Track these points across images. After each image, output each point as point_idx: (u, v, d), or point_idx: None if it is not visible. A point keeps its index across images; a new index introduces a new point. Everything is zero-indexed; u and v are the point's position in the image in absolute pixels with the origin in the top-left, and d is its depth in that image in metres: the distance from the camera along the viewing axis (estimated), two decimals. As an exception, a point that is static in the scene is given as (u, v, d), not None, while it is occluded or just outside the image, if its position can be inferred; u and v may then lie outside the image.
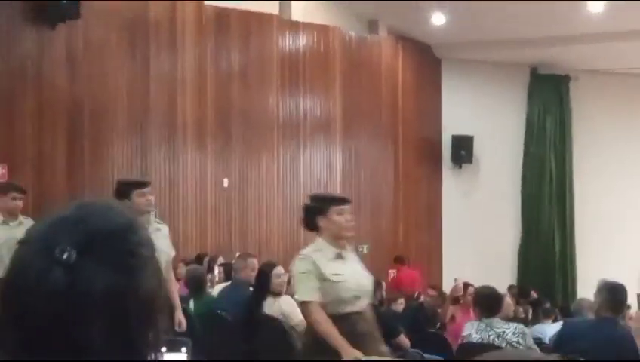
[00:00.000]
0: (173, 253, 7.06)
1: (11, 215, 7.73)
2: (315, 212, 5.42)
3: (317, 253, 5.30)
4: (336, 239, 5.36)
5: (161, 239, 6.41)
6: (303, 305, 5.30)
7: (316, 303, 5.17)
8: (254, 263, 7.98)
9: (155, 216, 7.16)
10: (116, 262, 1.13)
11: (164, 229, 6.84)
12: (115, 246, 1.15)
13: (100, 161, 11.85)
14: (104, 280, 1.11)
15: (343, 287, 5.20)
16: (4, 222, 7.65)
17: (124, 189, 6.64)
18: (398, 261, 15.37)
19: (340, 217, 5.36)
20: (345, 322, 5.16)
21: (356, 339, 5.10)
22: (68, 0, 10.92)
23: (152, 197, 6.76)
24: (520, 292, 14.28)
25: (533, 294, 13.71)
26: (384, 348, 5.49)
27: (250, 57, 13.89)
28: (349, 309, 5.22)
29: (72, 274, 1.11)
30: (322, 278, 5.19)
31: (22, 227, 7.70)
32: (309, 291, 5.21)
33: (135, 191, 6.57)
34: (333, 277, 5.20)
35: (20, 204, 7.82)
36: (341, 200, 5.58)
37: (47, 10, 11.02)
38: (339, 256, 5.32)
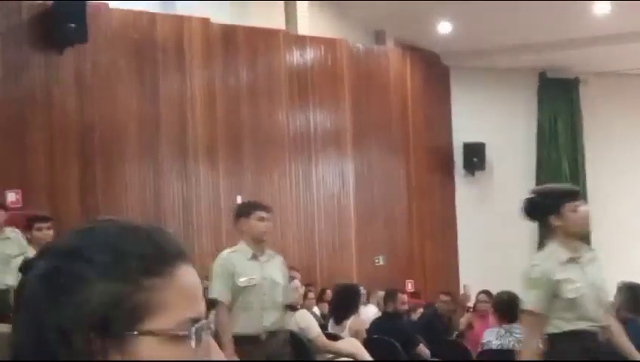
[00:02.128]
0: None
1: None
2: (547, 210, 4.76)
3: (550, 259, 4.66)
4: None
5: None
6: None
7: None
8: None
9: None
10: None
11: None
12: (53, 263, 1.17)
13: (113, 184, 11.88)
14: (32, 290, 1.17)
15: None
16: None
17: None
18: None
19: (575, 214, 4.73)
20: None
21: None
22: (75, 24, 10.97)
23: None
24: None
25: None
26: None
27: (258, 73, 13.92)
28: None
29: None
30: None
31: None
32: None
33: None
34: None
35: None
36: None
37: (54, 34, 11.07)
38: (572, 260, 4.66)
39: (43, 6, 11.18)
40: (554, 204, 4.74)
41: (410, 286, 15.45)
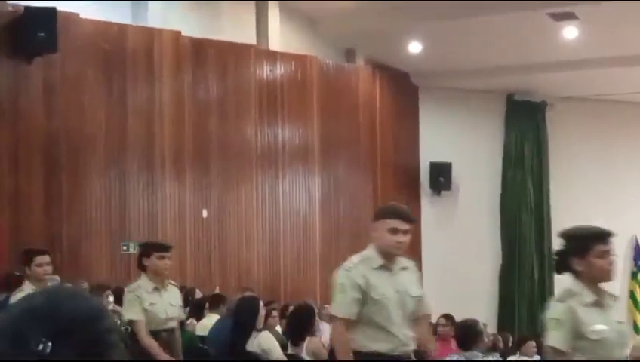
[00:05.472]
0: None
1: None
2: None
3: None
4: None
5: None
6: None
7: None
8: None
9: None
10: (86, 348, 1.18)
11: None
12: (85, 333, 1.20)
13: (78, 194, 11.81)
14: None
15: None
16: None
17: None
18: None
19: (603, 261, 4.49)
20: None
21: None
22: (45, 33, 10.90)
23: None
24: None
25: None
26: None
27: (228, 88, 13.92)
28: None
29: None
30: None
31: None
32: None
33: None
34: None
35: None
36: None
37: (24, 44, 11.00)
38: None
39: (13, 14, 11.11)
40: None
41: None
